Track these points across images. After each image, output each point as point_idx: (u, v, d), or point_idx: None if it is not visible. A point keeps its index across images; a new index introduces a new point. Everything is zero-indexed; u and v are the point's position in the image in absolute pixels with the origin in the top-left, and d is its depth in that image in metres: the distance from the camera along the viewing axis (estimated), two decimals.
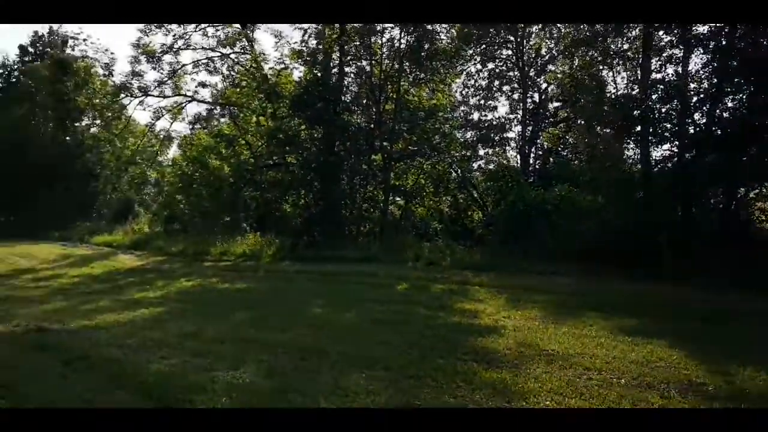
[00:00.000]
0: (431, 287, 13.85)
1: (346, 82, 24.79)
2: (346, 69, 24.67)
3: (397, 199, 24.96)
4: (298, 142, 23.79)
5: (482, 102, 27.60)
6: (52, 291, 14.21)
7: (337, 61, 24.42)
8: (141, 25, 28.76)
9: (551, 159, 26.14)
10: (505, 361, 7.38)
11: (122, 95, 32.08)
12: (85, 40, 41.79)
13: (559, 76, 25.44)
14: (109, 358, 7.47)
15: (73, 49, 41.52)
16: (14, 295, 13.43)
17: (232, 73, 29.93)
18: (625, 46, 20.26)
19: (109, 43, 76.78)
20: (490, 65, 27.00)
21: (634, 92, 18.86)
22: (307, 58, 25.10)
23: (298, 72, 27.05)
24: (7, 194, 35.56)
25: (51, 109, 37.45)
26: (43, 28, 43.72)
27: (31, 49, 44.05)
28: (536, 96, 27.67)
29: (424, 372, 6.88)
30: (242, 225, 24.94)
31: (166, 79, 30.24)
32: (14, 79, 43.54)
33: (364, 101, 24.51)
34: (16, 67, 44.25)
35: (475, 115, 27.72)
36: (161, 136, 35.48)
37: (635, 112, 17.19)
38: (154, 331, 9.21)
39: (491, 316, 10.30)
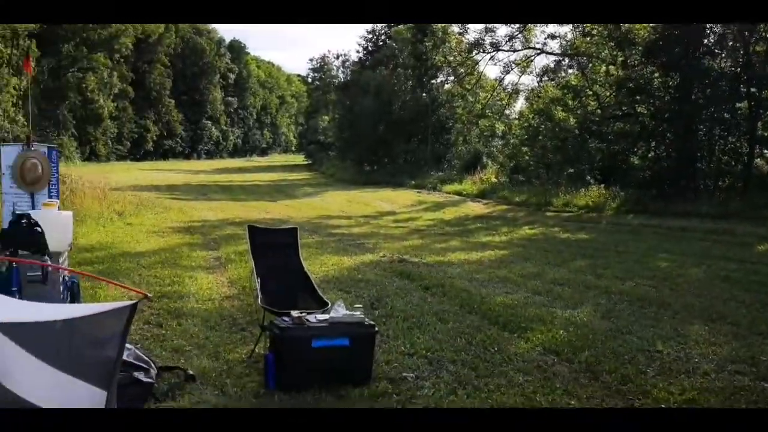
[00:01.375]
0: None
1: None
2: None
3: (765, 151, 22.18)
4: (649, 91, 22.52)
5: None
6: (410, 231, 16.05)
7: None
8: None
9: None
10: None
11: (475, 52, 33.79)
12: None
13: None
14: (461, 288, 8.38)
15: None
16: (379, 232, 15.51)
17: None
18: None
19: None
20: None
21: None
22: None
23: None
24: (372, 147, 40.43)
25: (411, 68, 40.78)
26: None
27: None
28: None
29: None
30: (586, 177, 24.65)
31: (516, 33, 30.95)
32: (381, 43, 48.67)
33: (730, 43, 22.00)
34: (383, 32, 49.36)
35: None
36: (509, 90, 36.55)
37: None
38: (499, 270, 9.96)
39: None
